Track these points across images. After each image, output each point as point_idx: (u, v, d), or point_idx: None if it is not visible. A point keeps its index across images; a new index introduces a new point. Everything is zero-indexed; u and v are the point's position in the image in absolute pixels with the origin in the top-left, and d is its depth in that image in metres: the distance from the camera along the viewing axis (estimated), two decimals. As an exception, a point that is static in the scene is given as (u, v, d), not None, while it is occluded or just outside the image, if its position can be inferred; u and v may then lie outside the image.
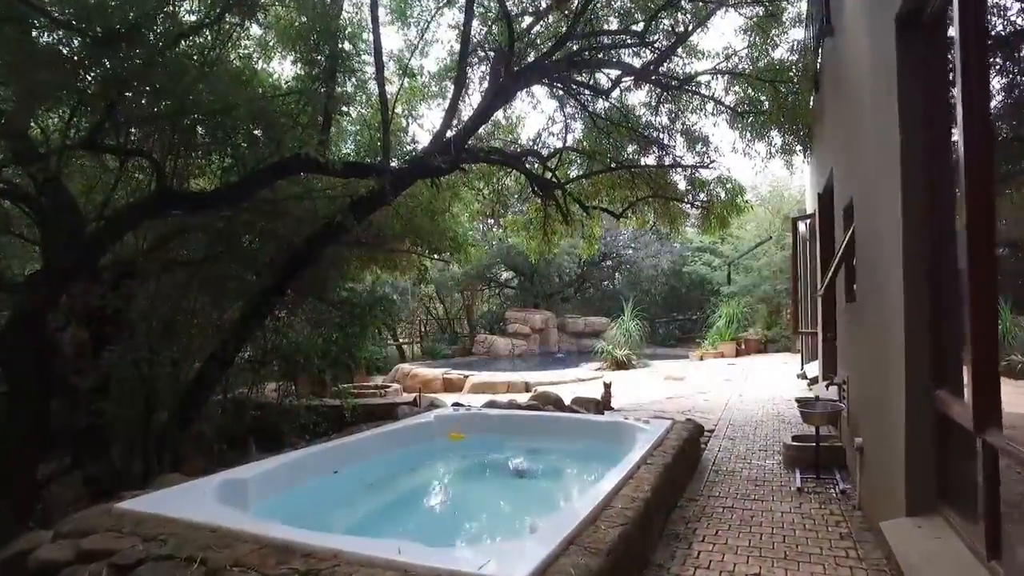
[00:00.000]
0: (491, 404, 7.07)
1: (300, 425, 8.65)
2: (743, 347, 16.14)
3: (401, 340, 21.10)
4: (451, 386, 13.74)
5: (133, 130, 5.67)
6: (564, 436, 5.54)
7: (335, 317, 9.61)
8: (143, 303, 6.65)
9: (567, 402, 7.41)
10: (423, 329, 23.01)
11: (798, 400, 4.93)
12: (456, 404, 7.47)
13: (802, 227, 9.66)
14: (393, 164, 6.84)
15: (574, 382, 13.20)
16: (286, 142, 6.09)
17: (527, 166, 8.66)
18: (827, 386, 5.19)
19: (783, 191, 18.09)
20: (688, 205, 9.43)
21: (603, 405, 8.56)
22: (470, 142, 8.06)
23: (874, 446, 3.71)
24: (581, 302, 24.20)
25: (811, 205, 9.19)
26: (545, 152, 9.11)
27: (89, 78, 4.74)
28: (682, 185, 9.55)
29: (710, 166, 8.56)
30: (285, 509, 3.83)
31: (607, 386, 8.61)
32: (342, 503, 4.64)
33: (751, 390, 9.84)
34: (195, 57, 5.40)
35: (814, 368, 8.70)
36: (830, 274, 5.04)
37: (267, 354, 8.52)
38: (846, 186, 4.83)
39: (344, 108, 6.72)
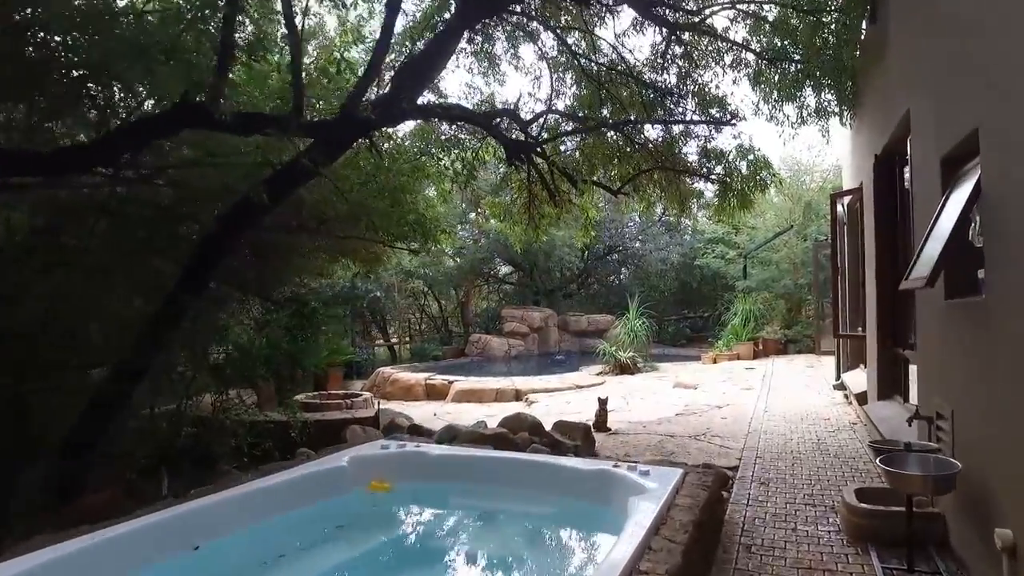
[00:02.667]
0: (448, 431, 5.42)
1: (234, 448, 7.09)
2: (761, 348, 14.37)
3: (394, 340, 19.53)
4: (434, 393, 12.10)
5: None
6: (531, 490, 3.87)
7: (283, 318, 8.05)
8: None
9: (548, 426, 5.73)
10: (419, 328, 21.43)
11: (876, 447, 3.21)
12: (400, 434, 5.82)
13: (839, 207, 7.90)
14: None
15: (571, 389, 11.50)
16: (168, 86, 4.48)
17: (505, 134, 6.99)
18: (910, 421, 3.48)
19: (804, 176, 16.24)
20: (701, 180, 7.69)
21: (597, 426, 6.89)
22: (431, 100, 6.40)
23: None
24: (585, 298, 22.45)
25: (852, 179, 7.43)
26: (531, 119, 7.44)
27: None
28: (694, 158, 7.83)
29: (731, 123, 6.82)
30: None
31: (602, 403, 6.93)
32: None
33: (778, 403, 8.11)
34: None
35: (859, 381, 6.95)
36: (916, 259, 3.32)
37: (199, 362, 6.96)
38: (953, 121, 3.11)
39: (248, 42, 5.06)
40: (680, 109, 7.51)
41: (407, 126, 7.73)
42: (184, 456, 6.31)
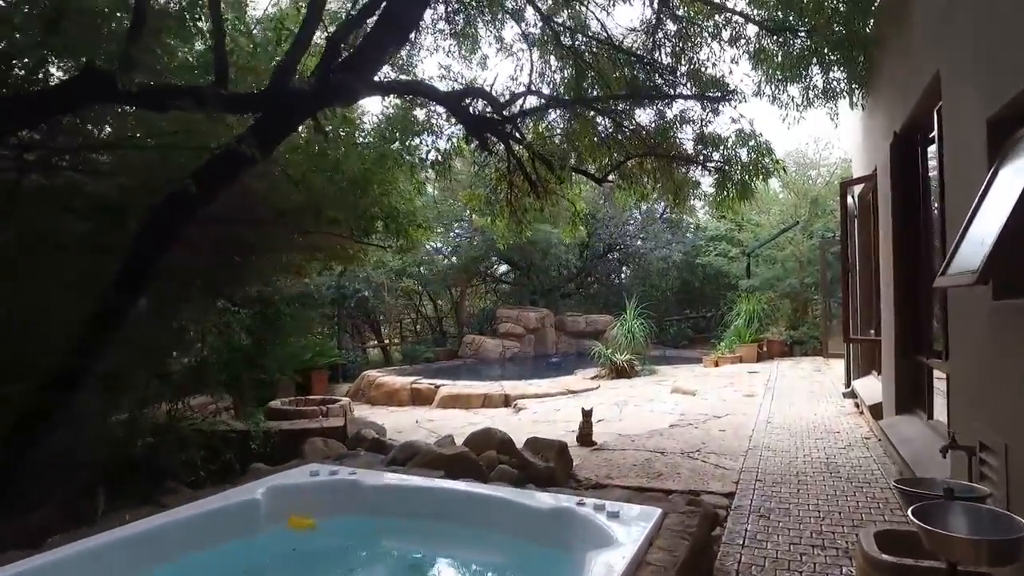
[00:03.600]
0: (405, 450, 4.73)
1: (187, 461, 6.46)
2: (765, 350, 13.60)
3: (388, 341, 18.87)
4: (419, 398, 11.42)
5: None
6: (478, 529, 3.17)
7: (244, 320, 7.41)
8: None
9: (533, 434, 5.03)
10: (414, 328, 20.76)
11: (906, 493, 2.48)
12: (359, 450, 5.14)
13: (849, 199, 7.15)
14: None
15: (562, 395, 10.79)
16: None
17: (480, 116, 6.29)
18: (944, 451, 2.76)
19: (810, 170, 15.46)
20: (697, 168, 6.97)
21: (581, 440, 6.19)
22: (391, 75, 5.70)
23: None
24: (585, 298, 21.71)
25: (864, 166, 6.69)
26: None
27: None
28: (690, 145, 7.10)
29: (727, 99, 6.09)
30: None
31: (586, 415, 6.22)
32: None
33: (782, 412, 7.37)
34: None
35: (872, 390, 6.21)
36: (955, 250, 2.60)
37: (151, 368, 6.36)
38: (1005, 72, 2.39)
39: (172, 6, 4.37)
40: (674, 92, 6.78)
41: (375, 109, 7.04)
42: (136, 471, 5.68)
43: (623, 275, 22.67)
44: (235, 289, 7.14)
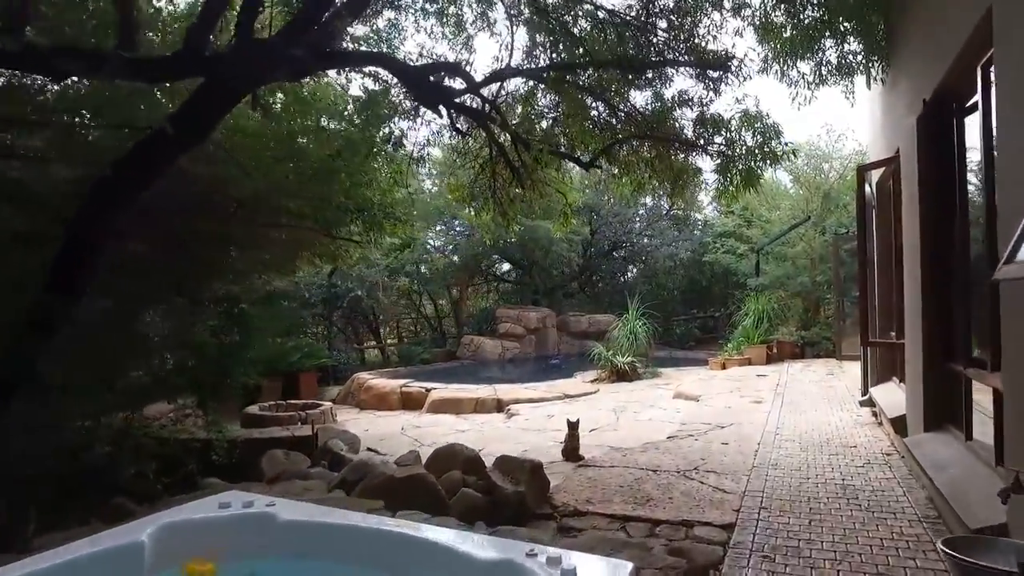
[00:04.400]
0: (357, 470, 4.11)
1: (139, 474, 5.96)
2: (775, 351, 12.85)
3: (384, 342, 18.31)
4: (410, 402, 10.82)
5: None
6: (408, 583, 2.54)
7: (209, 320, 6.85)
8: None
9: (491, 462, 4.38)
10: (414, 329, 20.19)
11: (959, 562, 1.82)
12: (288, 474, 4.51)
13: (867, 187, 6.42)
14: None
15: (559, 399, 10.13)
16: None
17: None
18: (1004, 496, 2.08)
19: (822, 163, 14.66)
20: (698, 154, 6.29)
21: (567, 454, 5.54)
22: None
23: None
24: (589, 298, 20.99)
25: (884, 148, 5.97)
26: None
27: None
28: (690, 131, 6.42)
29: (727, 66, 5.41)
30: None
31: (572, 426, 5.57)
32: None
33: (792, 421, 6.67)
34: None
35: (893, 399, 5.51)
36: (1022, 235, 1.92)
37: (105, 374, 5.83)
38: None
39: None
40: (671, 65, 6.10)
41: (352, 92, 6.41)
42: (81, 486, 5.13)
43: (630, 274, 21.94)
44: (198, 287, 6.57)
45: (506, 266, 20.72)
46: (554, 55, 6.29)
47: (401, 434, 8.56)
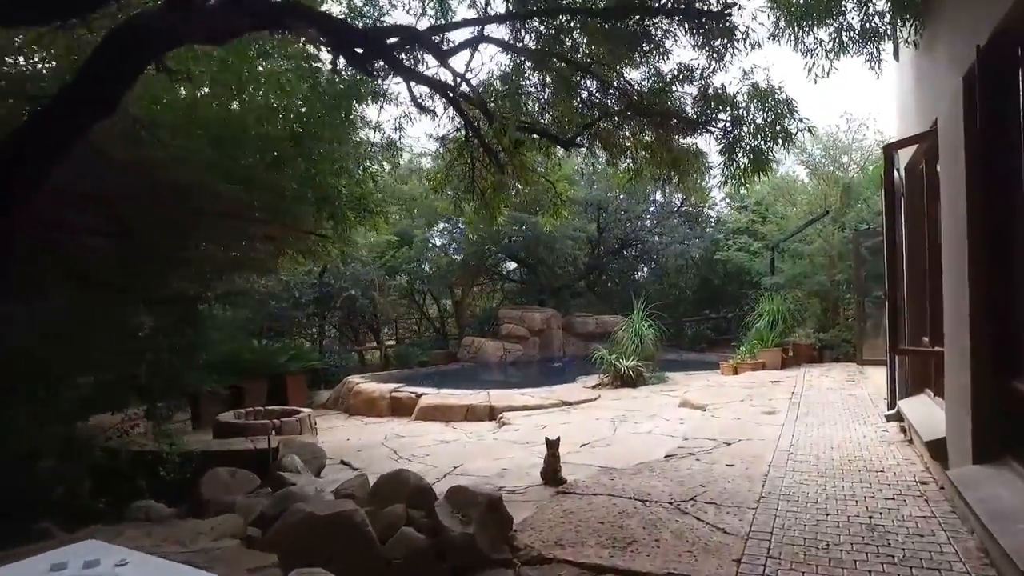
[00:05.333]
0: (279, 502, 3.40)
1: (70, 493, 5.34)
2: (790, 355, 11.95)
3: (385, 344, 17.63)
4: (399, 408, 10.13)
5: None
6: None
7: (156, 322, 6.22)
8: None
9: (443, 493, 3.62)
10: (417, 329, 19.54)
11: None
12: (233, 495, 3.80)
13: (895, 173, 5.57)
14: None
15: (556, 407, 9.38)
16: None
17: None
18: None
19: (841, 155, 13.72)
20: (700, 133, 5.49)
21: (546, 477, 4.78)
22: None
23: None
24: (598, 297, 20.18)
25: (916, 123, 5.11)
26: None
27: None
28: (691, 112, 5.62)
29: (727, 9, 4.60)
30: None
31: (552, 446, 4.82)
32: None
33: (809, 438, 5.84)
34: None
35: (929, 418, 4.67)
36: None
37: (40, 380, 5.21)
38: None
39: None
40: (666, 41, 5.31)
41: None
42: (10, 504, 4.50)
43: (641, 273, 21.08)
44: (141, 286, 5.92)
45: (512, 265, 19.97)
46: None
47: (383, 444, 7.87)
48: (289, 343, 11.46)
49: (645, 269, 21.03)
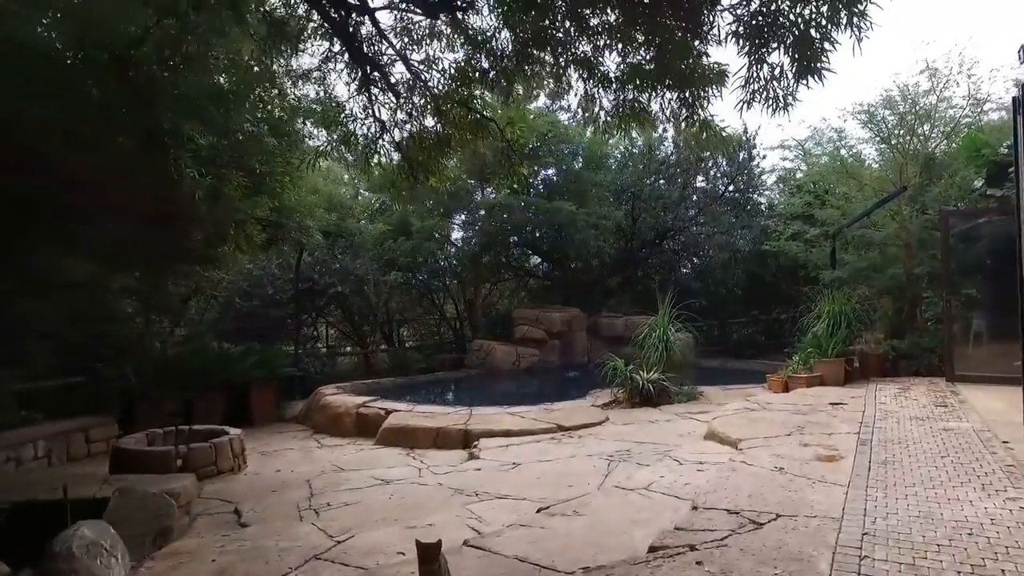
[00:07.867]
0: None
1: None
2: (855, 366, 9.43)
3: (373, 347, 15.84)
4: (366, 427, 8.28)
5: None
6: None
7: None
8: None
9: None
10: (437, 330, 17.76)
11: None
12: None
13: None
14: None
15: (547, 433, 7.29)
16: None
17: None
18: None
19: (922, 122, 10.93)
20: (709, 27, 3.32)
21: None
22: None
23: None
24: (635, 296, 17.77)
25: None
26: None
27: None
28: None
29: None
30: None
31: (425, 557, 2.75)
32: None
33: (895, 515, 3.57)
34: None
35: None
36: None
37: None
38: None
39: None
40: None
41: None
42: None
43: (685, 268, 18.52)
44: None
45: (536, 259, 17.88)
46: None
47: (308, 482, 6.01)
48: (254, 347, 9.79)
49: (688, 265, 18.52)
